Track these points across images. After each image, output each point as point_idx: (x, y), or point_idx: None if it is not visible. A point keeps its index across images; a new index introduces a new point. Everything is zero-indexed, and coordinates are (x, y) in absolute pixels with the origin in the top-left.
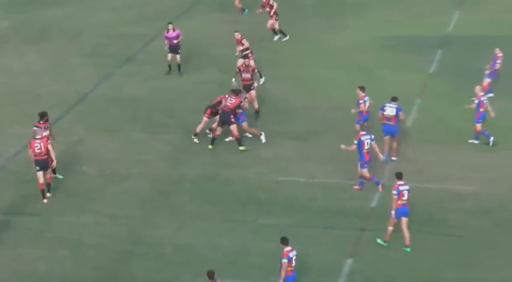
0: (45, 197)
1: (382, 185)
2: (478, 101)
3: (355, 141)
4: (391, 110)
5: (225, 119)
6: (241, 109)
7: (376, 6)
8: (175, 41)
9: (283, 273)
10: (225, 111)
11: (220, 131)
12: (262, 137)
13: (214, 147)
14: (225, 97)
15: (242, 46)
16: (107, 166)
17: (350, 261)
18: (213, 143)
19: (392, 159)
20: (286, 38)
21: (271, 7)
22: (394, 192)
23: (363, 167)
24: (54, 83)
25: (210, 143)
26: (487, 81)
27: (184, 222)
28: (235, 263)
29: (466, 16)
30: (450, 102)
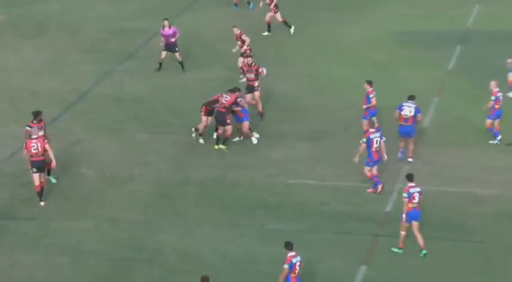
0: (42, 200)
1: (382, 185)
2: (494, 97)
3: (364, 139)
4: (409, 110)
5: (219, 119)
6: (240, 107)
7: None
8: (173, 39)
9: (282, 279)
10: (219, 111)
11: (231, 129)
12: (254, 139)
13: (219, 148)
14: (222, 95)
15: (242, 42)
16: (107, 168)
17: (364, 268)
18: (224, 143)
19: (409, 160)
20: (291, 30)
21: (272, 0)
22: (404, 194)
23: (368, 165)
24: (51, 80)
25: (221, 143)
26: (511, 76)
27: (189, 227)
28: (243, 271)
29: (487, 10)
30: (469, 101)
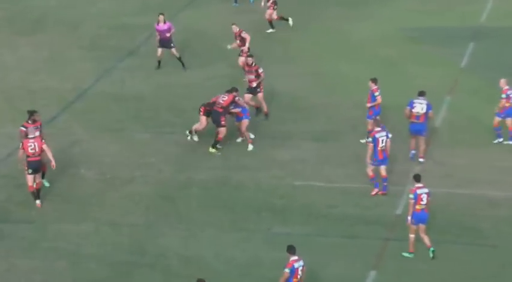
0: (38, 198)
1: (378, 190)
2: (504, 95)
3: (370, 139)
4: (421, 107)
5: (215, 119)
6: (240, 106)
7: None
8: (168, 35)
9: None
10: (216, 111)
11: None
12: (250, 145)
13: (223, 149)
14: (220, 96)
15: (241, 40)
16: (107, 169)
17: (373, 273)
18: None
19: (420, 161)
20: (290, 22)
21: None
22: (410, 196)
23: (372, 164)
24: (50, 78)
25: (211, 146)
26: None
27: (192, 231)
28: (248, 275)
29: (501, 5)
30: (483, 100)
